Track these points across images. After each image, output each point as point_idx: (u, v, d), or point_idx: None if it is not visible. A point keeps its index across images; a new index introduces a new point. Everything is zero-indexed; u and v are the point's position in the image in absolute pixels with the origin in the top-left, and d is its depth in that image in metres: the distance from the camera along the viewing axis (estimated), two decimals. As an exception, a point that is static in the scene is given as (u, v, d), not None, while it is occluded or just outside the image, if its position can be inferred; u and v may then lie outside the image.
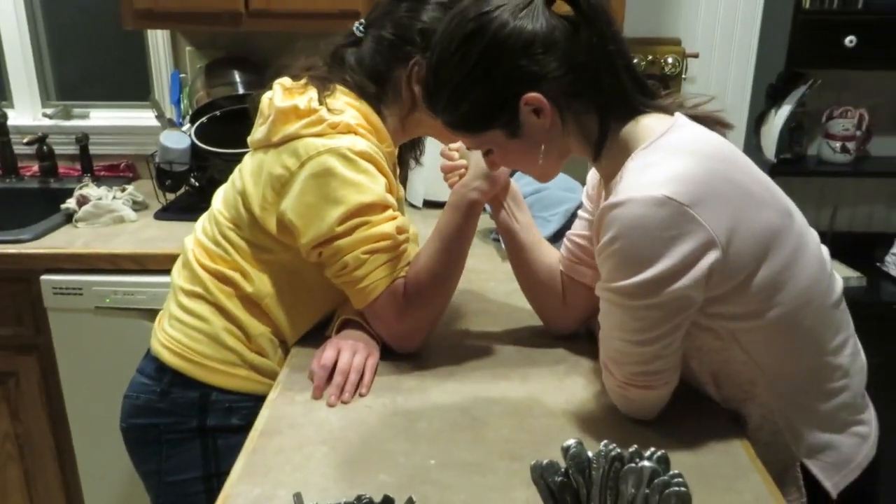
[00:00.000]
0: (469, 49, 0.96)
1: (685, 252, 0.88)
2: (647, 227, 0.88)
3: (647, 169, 0.92)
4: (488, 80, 0.97)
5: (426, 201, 2.16)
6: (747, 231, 0.91)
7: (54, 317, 1.89)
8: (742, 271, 0.92)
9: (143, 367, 1.29)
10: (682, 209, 0.87)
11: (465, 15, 0.98)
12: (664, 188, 0.87)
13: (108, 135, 2.44)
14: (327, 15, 1.95)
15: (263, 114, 1.21)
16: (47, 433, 2.04)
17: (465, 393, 1.14)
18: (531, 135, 1.00)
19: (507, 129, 1.00)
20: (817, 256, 1.01)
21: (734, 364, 1.01)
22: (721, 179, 0.91)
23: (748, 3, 2.27)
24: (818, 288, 0.99)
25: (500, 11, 0.95)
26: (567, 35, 0.96)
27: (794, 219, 0.99)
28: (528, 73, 0.96)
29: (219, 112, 2.09)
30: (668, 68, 2.18)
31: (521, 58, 0.95)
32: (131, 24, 1.99)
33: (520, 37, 0.95)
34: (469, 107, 1.00)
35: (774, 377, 1.00)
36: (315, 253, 1.16)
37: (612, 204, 0.90)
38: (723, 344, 0.99)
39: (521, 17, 0.95)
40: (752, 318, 0.95)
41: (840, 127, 2.29)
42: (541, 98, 0.96)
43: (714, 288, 0.92)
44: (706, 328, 0.98)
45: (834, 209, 2.41)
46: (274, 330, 1.26)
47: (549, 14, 0.96)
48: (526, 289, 1.30)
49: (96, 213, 2.02)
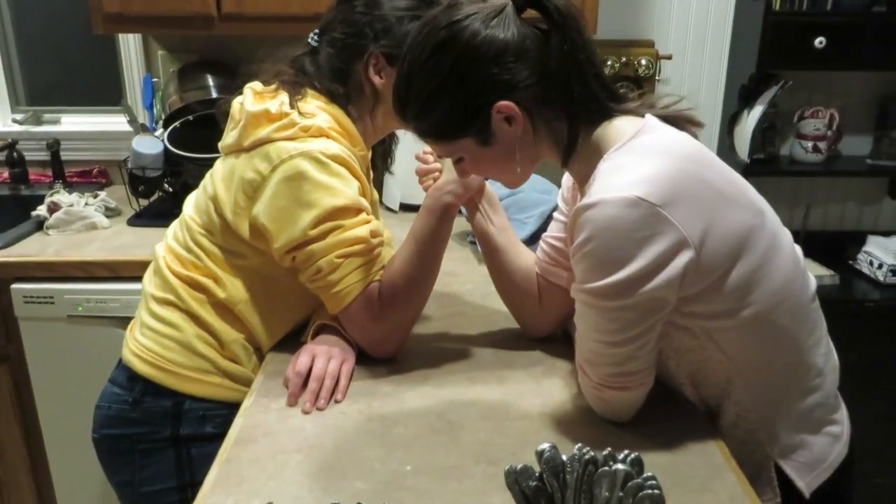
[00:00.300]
0: (441, 58, 0.96)
1: (657, 252, 0.88)
2: (619, 228, 0.88)
3: (619, 170, 0.92)
4: (460, 89, 0.97)
5: (402, 204, 2.15)
6: (721, 231, 0.92)
7: (25, 326, 1.86)
8: (716, 270, 0.93)
9: (115, 377, 1.27)
10: (654, 209, 0.87)
11: (436, 23, 0.97)
12: (636, 189, 0.88)
13: (79, 140, 2.41)
14: (300, 18, 1.93)
15: (234, 118, 1.20)
16: (20, 444, 2.01)
17: (441, 397, 1.14)
18: (503, 142, 1.00)
19: (479, 137, 1.00)
20: (791, 255, 1.02)
21: (711, 363, 1.01)
22: (693, 179, 0.92)
23: (720, 5, 2.29)
24: (792, 286, 1.00)
25: (472, 20, 0.95)
26: (538, 43, 0.96)
27: (766, 217, 0.99)
28: (500, 81, 0.96)
29: (192, 116, 2.08)
30: (642, 70, 2.19)
31: (493, 66, 0.95)
32: (101, 29, 1.97)
33: (491, 45, 0.95)
34: (441, 115, 0.99)
35: (750, 375, 1.01)
36: (288, 258, 1.15)
37: (584, 205, 0.91)
38: (699, 343, 0.99)
39: (493, 26, 0.95)
40: (727, 316, 0.96)
41: (811, 127, 2.32)
42: (512, 106, 0.96)
43: (688, 287, 0.93)
44: (682, 327, 0.98)
45: (807, 208, 2.44)
46: (248, 336, 1.25)
47: (520, 22, 0.96)
48: (502, 292, 1.30)
49: (68, 219, 1.99)
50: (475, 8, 0.97)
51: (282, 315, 1.26)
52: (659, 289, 0.90)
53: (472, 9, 0.97)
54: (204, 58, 2.30)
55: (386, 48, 1.18)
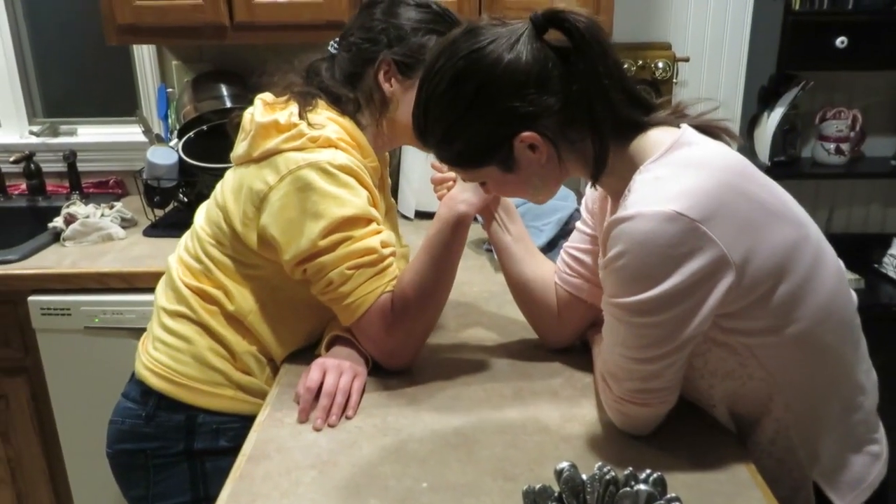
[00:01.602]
0: (460, 89, 0.94)
1: (694, 270, 0.85)
2: (655, 244, 0.85)
3: (657, 183, 0.89)
4: (481, 122, 0.95)
5: (417, 212, 2.14)
6: (765, 248, 0.88)
7: (43, 338, 1.87)
8: (759, 288, 0.89)
9: (128, 392, 1.27)
10: (693, 225, 0.84)
11: (455, 51, 0.94)
12: (674, 203, 0.84)
13: (95, 151, 2.42)
14: (312, 26, 1.93)
15: (245, 129, 1.19)
16: (39, 456, 2.02)
17: (457, 410, 1.12)
18: (526, 168, 0.98)
19: (502, 166, 0.98)
20: (835, 268, 0.98)
21: (751, 382, 0.97)
22: (735, 194, 0.88)
23: (737, 6, 2.26)
24: (837, 301, 0.96)
25: (493, 47, 0.92)
26: (560, 66, 0.93)
27: (810, 230, 0.95)
28: (523, 113, 0.93)
29: (206, 126, 2.08)
30: (659, 73, 2.16)
31: (515, 99, 0.92)
32: (115, 40, 1.97)
33: (513, 76, 0.92)
34: (462, 145, 0.98)
35: (792, 393, 0.97)
36: (299, 270, 1.14)
37: (620, 218, 0.88)
38: (740, 360, 0.95)
39: (514, 52, 0.92)
40: (771, 333, 0.92)
41: (833, 128, 2.28)
42: (536, 136, 0.94)
43: (729, 306, 0.89)
44: (722, 343, 0.94)
45: (829, 211, 2.39)
46: (259, 348, 1.24)
47: (542, 45, 0.93)
48: (520, 301, 1.28)
49: (84, 231, 1.99)
50: (494, 33, 0.93)
51: (293, 325, 1.25)
52: (694, 309, 0.87)
53: (491, 34, 0.93)
54: (217, 67, 2.31)
55: (398, 56, 1.18)
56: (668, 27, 2.28)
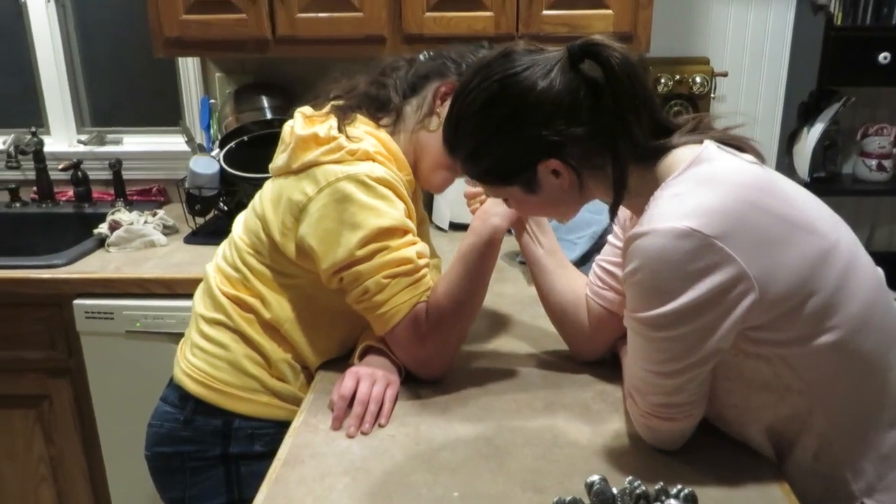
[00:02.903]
0: (492, 112, 0.96)
1: (714, 285, 0.85)
2: (669, 260, 0.85)
3: (674, 199, 0.89)
4: (509, 145, 0.97)
5: (452, 223, 2.16)
6: (788, 263, 0.87)
7: (86, 341, 1.92)
8: (786, 302, 0.88)
9: (167, 396, 1.30)
10: (707, 241, 0.84)
11: (489, 74, 0.96)
12: (689, 220, 0.85)
13: (140, 160, 2.49)
14: (352, 40, 1.97)
15: (284, 141, 1.22)
16: (80, 455, 2.07)
17: (489, 420, 1.12)
18: (549, 192, 1.00)
19: (526, 187, 1.01)
20: (871, 275, 0.96)
21: (790, 396, 0.95)
22: (754, 210, 0.88)
23: (778, 21, 2.24)
24: (877, 309, 0.94)
25: (528, 74, 0.94)
26: (591, 98, 0.94)
27: (841, 235, 0.94)
28: (550, 142, 0.95)
29: (247, 137, 2.12)
30: (696, 87, 2.15)
31: (544, 127, 0.94)
32: (162, 53, 2.03)
33: (544, 105, 0.93)
34: (487, 164, 1.01)
35: (833, 404, 0.95)
36: (336, 279, 1.16)
37: (636, 234, 0.89)
38: (774, 370, 0.93)
39: (547, 80, 0.93)
40: (802, 343, 0.91)
41: (875, 145, 2.24)
42: (559, 164, 0.96)
43: (755, 319, 0.88)
44: (754, 355, 0.93)
45: (871, 228, 2.35)
46: (294, 355, 1.26)
47: (575, 76, 0.94)
48: (551, 314, 1.29)
49: (127, 237, 2.05)
50: (530, 60, 0.95)
51: (327, 334, 1.27)
52: (713, 326, 0.87)
53: (527, 60, 0.95)
54: (259, 79, 2.35)
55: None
56: (707, 42, 2.27)
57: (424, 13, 1.94)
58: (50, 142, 2.50)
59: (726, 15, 2.25)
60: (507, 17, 1.94)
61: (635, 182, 0.98)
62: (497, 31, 1.94)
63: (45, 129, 2.53)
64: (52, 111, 2.52)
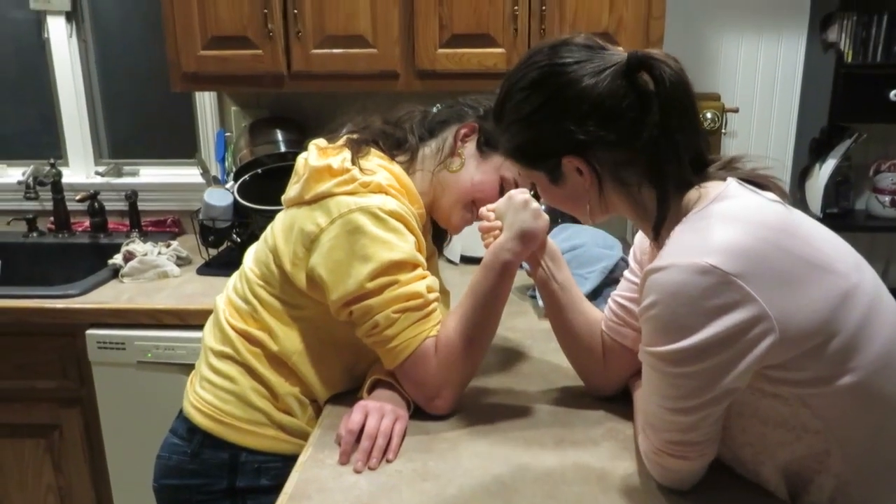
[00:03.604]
0: (531, 95, 0.99)
1: (732, 323, 0.84)
2: (686, 295, 0.85)
3: (695, 234, 0.89)
4: (539, 130, 1.00)
5: (463, 257, 2.16)
6: (808, 302, 0.86)
7: (98, 371, 1.93)
8: (807, 342, 0.86)
9: (176, 428, 1.30)
10: (726, 278, 0.83)
11: (539, 57, 0.99)
12: (709, 256, 0.84)
13: (155, 191, 2.53)
14: (366, 76, 2.00)
15: (298, 172, 1.24)
16: (88, 486, 2.06)
17: (497, 457, 1.11)
18: (571, 188, 1.02)
19: (550, 176, 1.04)
20: (894, 313, 0.94)
21: (807, 436, 0.93)
22: (773, 248, 0.87)
23: (788, 58, 2.25)
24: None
25: (576, 68, 0.96)
26: (636, 111, 0.94)
27: (864, 275, 0.93)
28: (576, 140, 0.96)
29: (261, 170, 2.14)
30: (708, 123, 2.16)
31: (573, 123, 0.96)
32: (179, 87, 2.07)
33: (581, 103, 0.95)
34: (521, 142, 1.04)
35: (851, 445, 0.92)
36: (345, 312, 1.16)
37: (654, 268, 0.88)
38: (792, 410, 0.92)
39: (594, 79, 0.94)
40: (822, 383, 0.89)
41: (889, 181, 2.24)
42: (582, 162, 0.97)
43: (774, 359, 0.87)
44: (771, 395, 0.92)
45: (886, 264, 2.33)
46: (302, 389, 1.26)
47: (627, 84, 0.94)
48: (566, 348, 1.28)
49: (141, 268, 2.07)
50: (587, 55, 0.97)
51: (335, 367, 1.27)
52: (730, 364, 0.85)
53: (583, 54, 0.97)
54: (274, 113, 2.39)
55: (487, 129, 1.26)
56: (718, 77, 2.29)
57: (437, 49, 1.97)
58: (68, 173, 2.54)
59: (737, 51, 2.27)
60: (518, 54, 1.96)
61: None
62: (509, 67, 1.96)
63: (63, 160, 2.57)
64: (72, 143, 2.57)
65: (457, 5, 1.95)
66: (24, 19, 2.49)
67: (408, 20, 1.97)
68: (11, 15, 2.51)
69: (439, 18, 1.95)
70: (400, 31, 1.97)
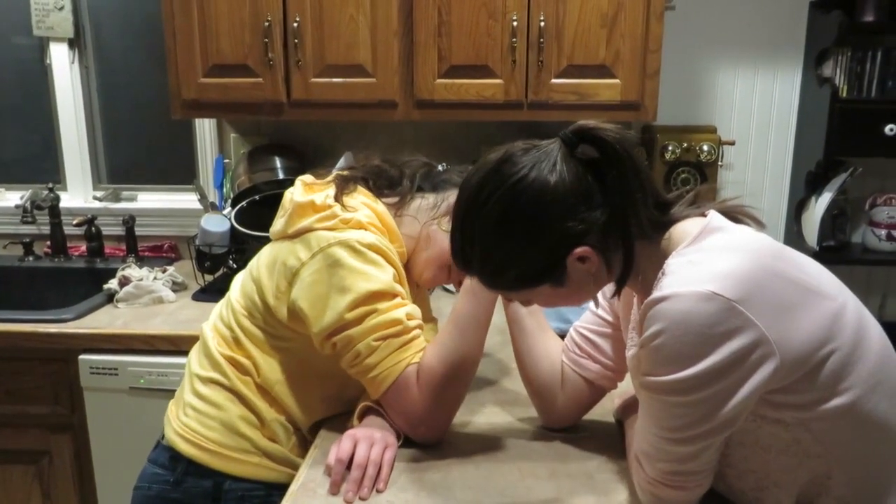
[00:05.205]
0: (510, 224, 0.95)
1: (733, 350, 0.84)
2: (692, 323, 0.85)
3: (693, 266, 0.90)
4: (536, 249, 0.96)
5: (460, 286, 2.15)
6: (805, 325, 0.87)
7: (90, 396, 1.92)
8: (808, 363, 0.88)
9: (156, 458, 1.29)
10: (730, 305, 0.84)
11: (495, 185, 0.95)
12: (711, 284, 0.85)
13: (153, 216, 2.53)
14: (365, 105, 2.02)
15: (284, 207, 1.26)
16: (76, 513, 2.03)
17: (490, 489, 1.10)
18: (577, 280, 0.99)
19: (556, 283, 0.99)
20: (880, 334, 0.96)
21: (809, 461, 0.93)
22: (770, 275, 0.89)
23: (784, 91, 2.28)
24: (888, 368, 0.94)
25: (535, 174, 0.94)
26: (597, 179, 0.95)
27: (847, 298, 0.95)
28: (576, 231, 0.95)
29: (258, 196, 2.15)
30: (704, 155, 2.18)
31: (568, 219, 0.94)
32: (179, 114, 2.09)
33: (564, 199, 0.93)
34: (516, 273, 0.99)
35: (852, 467, 0.93)
36: (328, 344, 1.17)
37: (656, 298, 0.88)
38: (793, 436, 0.92)
39: (555, 174, 0.94)
40: (821, 404, 0.89)
41: (885, 215, 2.25)
42: (587, 249, 0.95)
43: (776, 383, 0.88)
44: (774, 420, 0.92)
45: (882, 298, 2.33)
46: (287, 417, 1.25)
47: (576, 162, 0.95)
48: (524, 375, 1.28)
49: (136, 293, 2.06)
50: (532, 158, 0.95)
51: (318, 395, 1.27)
52: (731, 391, 0.86)
53: (528, 159, 0.95)
54: (273, 141, 2.41)
55: None
56: (714, 110, 2.31)
57: (436, 80, 1.99)
58: (66, 198, 2.55)
59: (732, 84, 2.30)
60: (516, 85, 1.98)
61: (639, 260, 0.98)
62: (507, 97, 1.99)
63: (62, 185, 2.58)
64: (70, 168, 2.58)
65: (456, 37, 1.97)
66: (28, 45, 2.52)
67: (407, 51, 1.99)
68: (15, 41, 2.54)
69: (438, 50, 1.98)
70: (399, 61, 1.99)
